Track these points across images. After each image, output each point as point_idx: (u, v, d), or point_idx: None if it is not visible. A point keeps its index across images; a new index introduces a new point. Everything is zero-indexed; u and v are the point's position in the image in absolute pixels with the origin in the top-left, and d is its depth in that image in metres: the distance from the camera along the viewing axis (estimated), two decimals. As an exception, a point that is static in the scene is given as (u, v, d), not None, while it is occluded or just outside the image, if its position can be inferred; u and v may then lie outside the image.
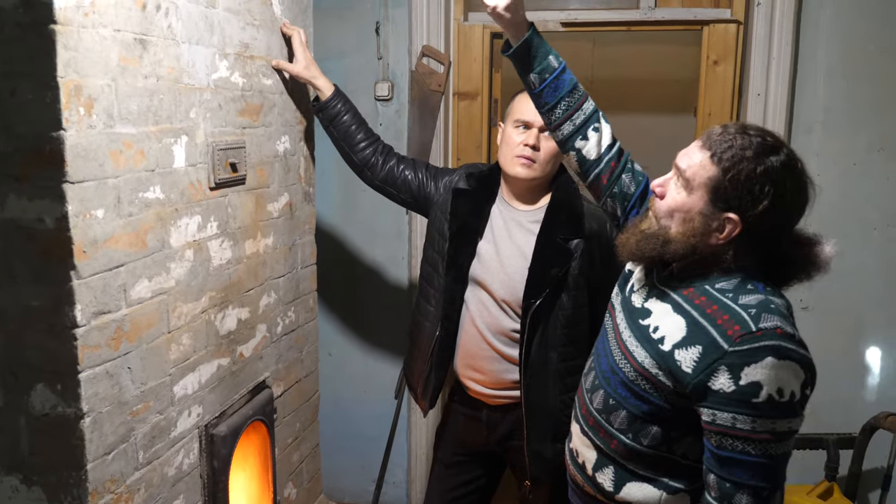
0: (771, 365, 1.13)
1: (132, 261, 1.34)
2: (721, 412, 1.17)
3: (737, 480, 1.17)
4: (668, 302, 1.28)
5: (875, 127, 2.43)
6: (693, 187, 1.22)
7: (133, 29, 1.33)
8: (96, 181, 1.25)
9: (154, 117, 1.39)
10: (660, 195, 1.28)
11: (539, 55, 1.48)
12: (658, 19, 2.53)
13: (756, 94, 2.44)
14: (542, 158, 1.77)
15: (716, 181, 1.19)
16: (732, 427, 1.16)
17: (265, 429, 1.80)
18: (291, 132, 1.96)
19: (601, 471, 1.35)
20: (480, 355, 1.84)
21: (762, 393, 1.13)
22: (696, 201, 1.21)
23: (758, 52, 2.41)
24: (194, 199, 1.53)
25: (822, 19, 2.39)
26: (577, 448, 1.41)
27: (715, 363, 1.16)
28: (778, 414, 1.14)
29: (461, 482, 1.98)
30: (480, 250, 1.85)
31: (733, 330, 1.16)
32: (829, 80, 2.43)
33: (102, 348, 1.27)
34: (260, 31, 1.78)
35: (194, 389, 1.55)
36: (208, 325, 1.59)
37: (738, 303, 1.19)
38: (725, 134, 1.22)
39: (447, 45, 2.60)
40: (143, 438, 1.39)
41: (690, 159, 1.24)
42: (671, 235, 1.25)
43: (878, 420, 2.30)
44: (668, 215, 1.26)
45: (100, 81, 1.25)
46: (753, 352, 1.14)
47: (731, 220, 1.19)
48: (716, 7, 2.53)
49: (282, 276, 1.94)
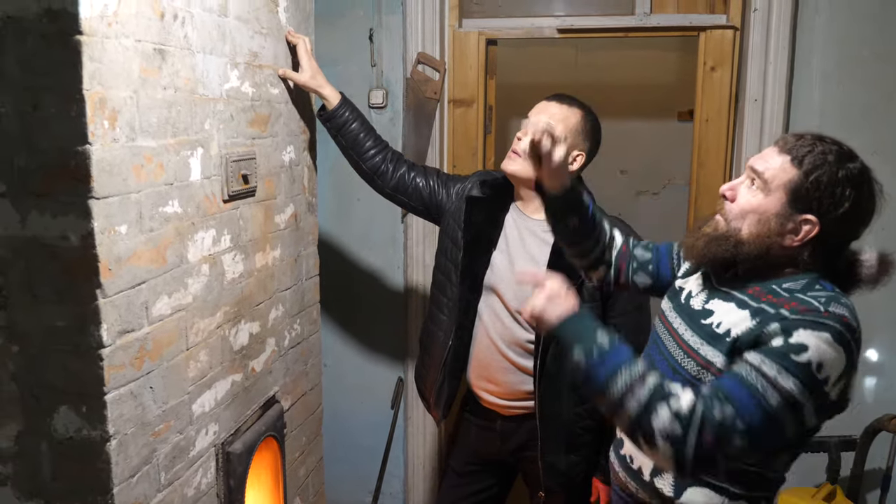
0: (825, 340, 1.12)
1: (153, 277, 1.31)
2: (755, 354, 1.15)
3: (728, 394, 1.13)
4: (731, 301, 1.27)
5: (869, 131, 2.44)
6: (771, 189, 1.23)
7: (153, 39, 1.29)
8: (120, 196, 1.21)
9: (172, 129, 1.36)
10: (730, 198, 1.29)
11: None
12: (654, 25, 2.56)
13: (753, 100, 2.47)
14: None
15: (796, 183, 1.21)
16: (758, 367, 1.13)
17: (276, 444, 1.77)
18: (296, 142, 1.94)
19: (660, 476, 1.33)
20: (494, 366, 1.84)
21: (805, 356, 1.11)
22: (773, 203, 1.23)
23: (754, 58, 2.44)
24: (209, 213, 1.50)
25: (817, 25, 2.42)
26: (632, 454, 1.39)
27: (771, 320, 1.17)
28: (807, 383, 1.11)
29: (473, 491, 1.98)
30: (494, 260, 1.85)
31: (800, 308, 1.17)
32: (824, 85, 2.45)
33: (127, 368, 1.23)
34: (268, 40, 1.75)
35: (211, 407, 1.51)
36: (223, 340, 1.56)
37: (808, 294, 1.20)
38: (804, 140, 1.24)
39: (442, 52, 2.59)
40: (164, 459, 1.35)
41: (768, 163, 1.25)
42: (743, 237, 1.25)
43: (882, 422, 2.30)
44: (740, 217, 1.26)
45: (123, 93, 1.21)
46: (814, 323, 1.14)
47: (808, 222, 1.21)
48: (712, 13, 2.56)
49: (288, 289, 1.91)
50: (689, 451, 1.10)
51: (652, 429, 1.12)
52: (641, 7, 2.55)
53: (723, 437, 1.10)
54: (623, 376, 1.16)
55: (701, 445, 1.10)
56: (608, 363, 1.18)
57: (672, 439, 1.10)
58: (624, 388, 1.15)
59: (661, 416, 1.11)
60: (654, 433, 1.11)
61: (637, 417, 1.13)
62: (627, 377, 1.16)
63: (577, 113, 1.80)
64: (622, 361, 1.18)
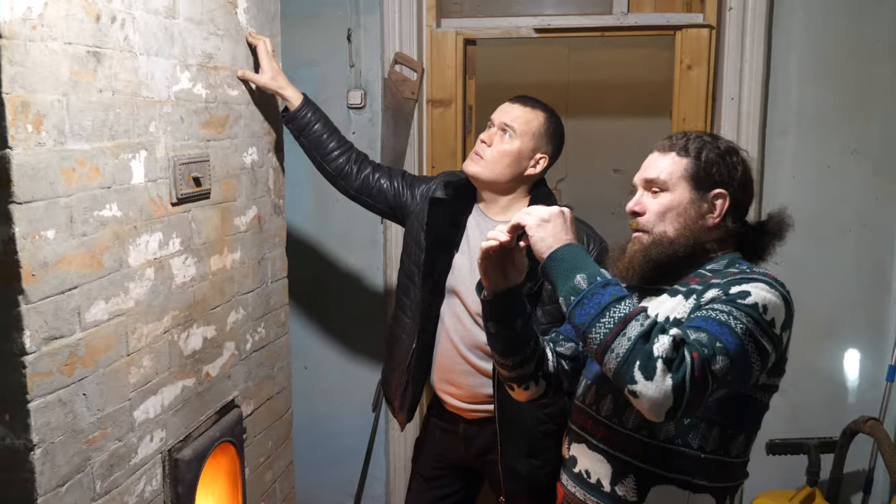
0: (761, 287, 1.21)
1: (87, 282, 1.29)
2: (705, 308, 1.20)
3: (698, 326, 1.16)
4: (661, 294, 1.34)
5: (848, 129, 2.44)
6: (674, 183, 1.32)
7: (86, 42, 1.27)
8: (46, 201, 1.19)
9: (110, 132, 1.34)
10: (641, 211, 1.35)
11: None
12: (631, 24, 2.53)
13: (730, 98, 2.45)
14: (490, 157, 1.74)
15: (692, 168, 1.31)
16: (712, 308, 1.18)
17: (234, 450, 1.75)
18: (259, 143, 1.92)
19: (621, 483, 1.31)
20: (456, 369, 1.81)
21: (750, 299, 1.19)
22: (681, 194, 1.31)
23: (730, 57, 2.42)
24: (155, 216, 1.48)
25: (793, 23, 2.40)
26: (588, 468, 1.36)
27: (706, 290, 1.25)
28: (759, 321, 1.17)
29: (440, 496, 1.95)
30: (456, 262, 1.82)
31: (727, 275, 1.27)
32: (801, 83, 2.44)
33: (55, 375, 1.22)
34: (224, 41, 1.73)
35: (156, 413, 1.49)
36: (171, 345, 1.54)
37: (731, 268, 1.31)
38: (677, 137, 1.36)
39: (420, 53, 2.57)
40: (100, 467, 1.33)
41: (658, 167, 1.34)
42: (671, 235, 1.31)
43: (858, 424, 2.29)
44: (659, 220, 1.32)
45: (49, 97, 1.19)
46: (746, 278, 1.23)
47: (719, 196, 1.32)
48: (688, 12, 2.54)
49: (251, 292, 1.88)
50: (686, 373, 1.08)
51: (653, 354, 1.08)
52: (619, 6, 2.52)
53: (708, 356, 1.11)
54: (626, 305, 1.14)
55: (692, 365, 1.09)
56: (612, 291, 1.15)
57: (670, 364, 1.08)
58: (625, 315, 1.12)
59: (663, 342, 1.09)
60: (655, 359, 1.08)
61: (637, 343, 1.10)
62: (629, 307, 1.14)
63: (540, 115, 1.77)
64: (626, 294, 1.16)
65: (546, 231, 1.22)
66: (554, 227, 1.22)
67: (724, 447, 1.28)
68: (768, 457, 2.42)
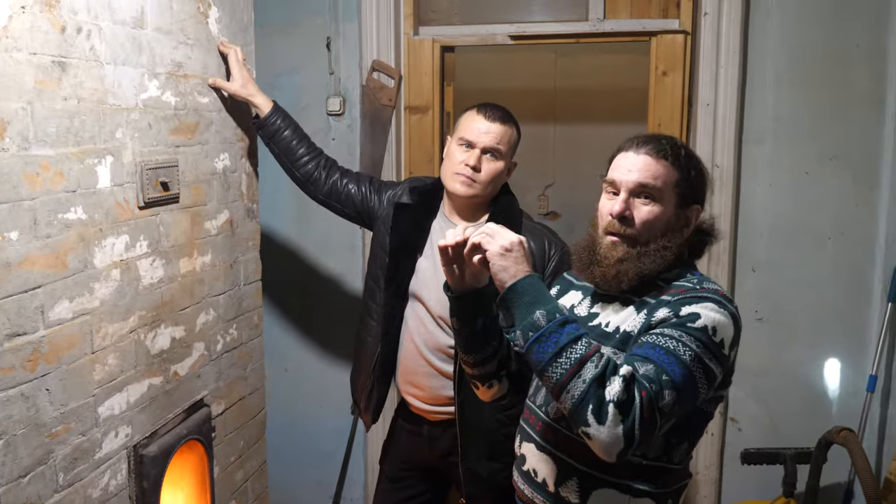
0: (710, 308, 1.22)
1: (51, 282, 1.34)
2: (654, 331, 1.21)
3: (645, 356, 1.17)
4: (615, 301, 1.34)
5: (826, 135, 2.41)
6: (665, 194, 1.30)
7: (51, 52, 1.33)
8: (10, 203, 1.25)
9: (75, 139, 1.40)
10: (629, 217, 1.30)
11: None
12: (607, 31, 2.56)
13: (705, 105, 2.46)
14: (483, 179, 1.78)
15: (683, 182, 1.31)
16: (661, 334, 1.19)
17: (202, 448, 1.80)
18: (231, 149, 1.97)
19: (564, 484, 1.33)
20: (419, 371, 1.85)
21: (699, 322, 1.20)
22: (669, 206, 1.31)
23: (706, 63, 2.43)
24: (121, 219, 1.53)
25: (769, 28, 2.39)
26: (535, 467, 1.39)
27: (657, 308, 1.25)
28: (708, 345, 1.19)
29: (406, 497, 1.98)
30: (419, 266, 1.86)
31: (678, 291, 1.26)
32: (777, 88, 2.42)
33: (17, 370, 1.27)
34: (194, 50, 1.79)
35: (122, 410, 1.54)
36: (137, 344, 1.59)
37: (681, 280, 1.31)
38: (663, 140, 1.33)
39: (398, 60, 2.62)
40: (63, 460, 1.38)
41: (653, 172, 1.30)
42: (660, 247, 1.30)
43: (832, 435, 2.21)
44: (647, 230, 1.30)
45: (13, 105, 1.25)
46: (695, 298, 1.24)
47: (694, 211, 1.34)
48: (664, 18, 2.56)
49: (222, 294, 1.93)
50: (636, 416, 1.11)
51: (605, 399, 1.11)
52: (595, 13, 2.56)
53: (655, 393, 1.13)
54: (582, 345, 1.16)
55: (642, 407, 1.11)
56: (569, 330, 1.17)
57: (622, 407, 1.11)
58: (581, 356, 1.14)
59: (615, 385, 1.12)
60: (608, 404, 1.11)
61: (591, 387, 1.12)
62: (585, 346, 1.16)
63: (512, 128, 1.82)
64: (582, 333, 1.18)
65: (508, 261, 1.22)
66: (516, 257, 1.23)
67: (667, 454, 1.30)
68: (743, 466, 2.40)
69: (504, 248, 1.23)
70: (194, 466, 1.80)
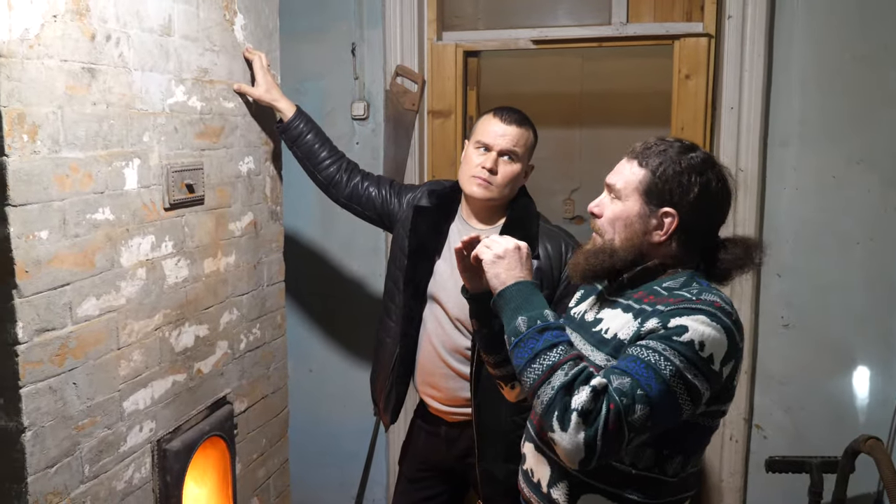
0: (701, 321, 1.18)
1: (79, 280, 1.39)
2: (640, 342, 1.19)
3: (624, 369, 1.16)
4: (617, 307, 1.34)
5: (853, 138, 2.37)
6: (627, 194, 1.31)
7: (81, 59, 1.38)
8: (40, 204, 1.30)
9: (103, 142, 1.45)
10: (598, 214, 1.36)
11: None
12: (630, 35, 2.56)
13: (729, 108, 2.44)
14: (500, 182, 1.80)
15: (647, 182, 1.30)
16: (645, 346, 1.18)
17: (224, 444, 1.84)
18: (256, 153, 2.02)
19: (556, 486, 1.35)
20: (437, 372, 1.87)
21: (686, 335, 1.17)
22: (632, 205, 1.31)
23: (730, 66, 2.41)
24: (147, 220, 1.58)
25: (794, 30, 2.36)
26: (532, 467, 1.42)
27: (649, 317, 1.22)
28: (693, 360, 1.16)
29: (424, 497, 2.00)
30: (437, 268, 1.88)
31: (674, 301, 1.23)
32: (804, 91, 2.39)
33: (45, 364, 1.32)
34: (220, 57, 1.84)
35: (146, 405, 1.59)
36: (162, 341, 1.64)
37: (683, 289, 1.27)
38: (648, 144, 1.34)
39: (421, 65, 2.65)
40: (89, 452, 1.43)
41: (620, 173, 1.35)
42: (616, 245, 1.32)
43: (859, 443, 2.16)
44: (610, 227, 1.33)
45: (45, 109, 1.30)
46: (688, 309, 1.20)
47: (668, 214, 1.29)
48: (688, 21, 2.54)
49: (245, 294, 1.98)
50: (599, 427, 1.11)
51: (570, 406, 1.13)
52: (618, 17, 2.56)
53: (626, 407, 1.12)
54: (557, 352, 1.18)
55: (607, 419, 1.11)
56: (547, 337, 1.19)
57: (586, 416, 1.12)
58: (553, 363, 1.17)
59: (582, 394, 1.13)
60: (571, 412, 1.12)
61: (558, 394, 1.14)
62: (559, 354, 1.18)
63: (529, 131, 1.84)
64: (560, 340, 1.20)
65: (499, 268, 1.28)
66: (508, 263, 1.27)
67: (660, 466, 1.28)
68: (768, 474, 2.36)
69: (496, 256, 1.29)
70: (217, 462, 1.85)
